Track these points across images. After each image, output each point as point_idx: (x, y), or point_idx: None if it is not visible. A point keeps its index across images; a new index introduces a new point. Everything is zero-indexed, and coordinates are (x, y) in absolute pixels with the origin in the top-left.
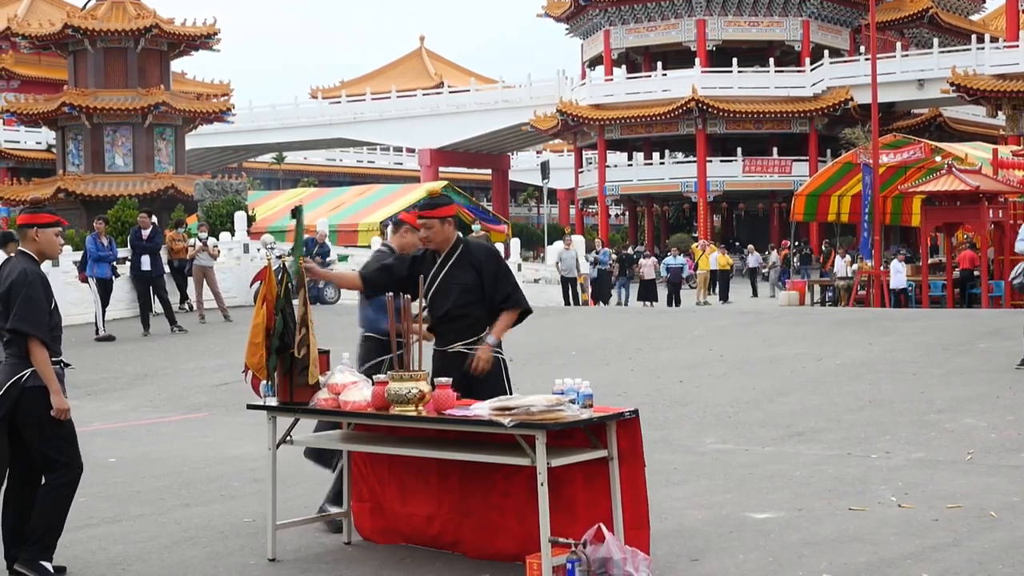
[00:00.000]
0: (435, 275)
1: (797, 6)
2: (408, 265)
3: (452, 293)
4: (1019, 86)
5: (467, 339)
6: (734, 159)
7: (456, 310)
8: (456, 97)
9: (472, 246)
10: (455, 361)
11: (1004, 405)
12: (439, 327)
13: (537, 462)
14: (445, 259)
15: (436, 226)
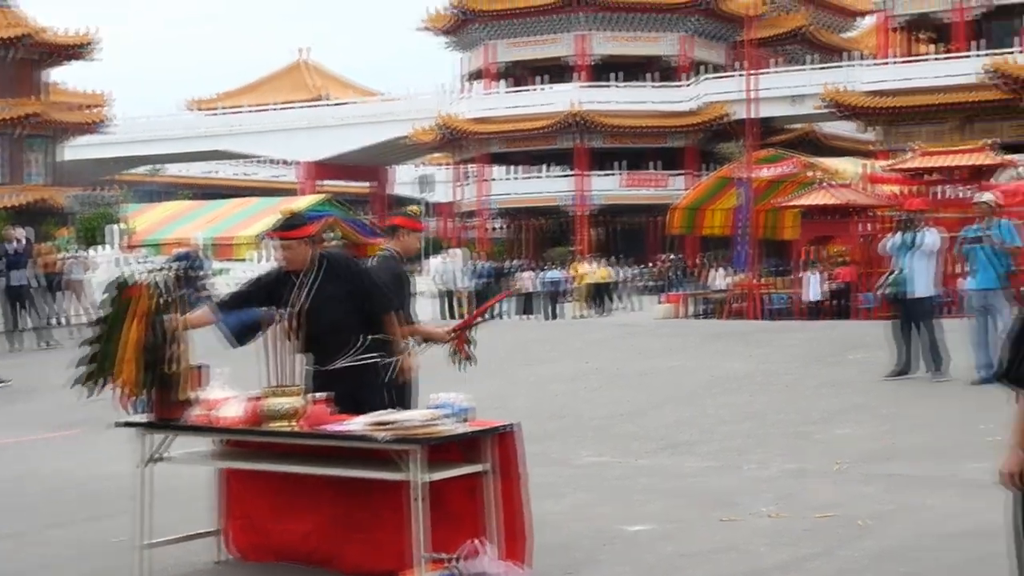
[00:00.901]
0: (299, 294)
1: (676, 22)
2: (266, 288)
3: (328, 309)
4: (890, 102)
5: (348, 354)
6: (613, 173)
7: (336, 326)
8: (336, 109)
9: (335, 259)
10: (339, 378)
11: (873, 415)
12: (317, 346)
13: (413, 477)
14: (309, 277)
15: (295, 246)
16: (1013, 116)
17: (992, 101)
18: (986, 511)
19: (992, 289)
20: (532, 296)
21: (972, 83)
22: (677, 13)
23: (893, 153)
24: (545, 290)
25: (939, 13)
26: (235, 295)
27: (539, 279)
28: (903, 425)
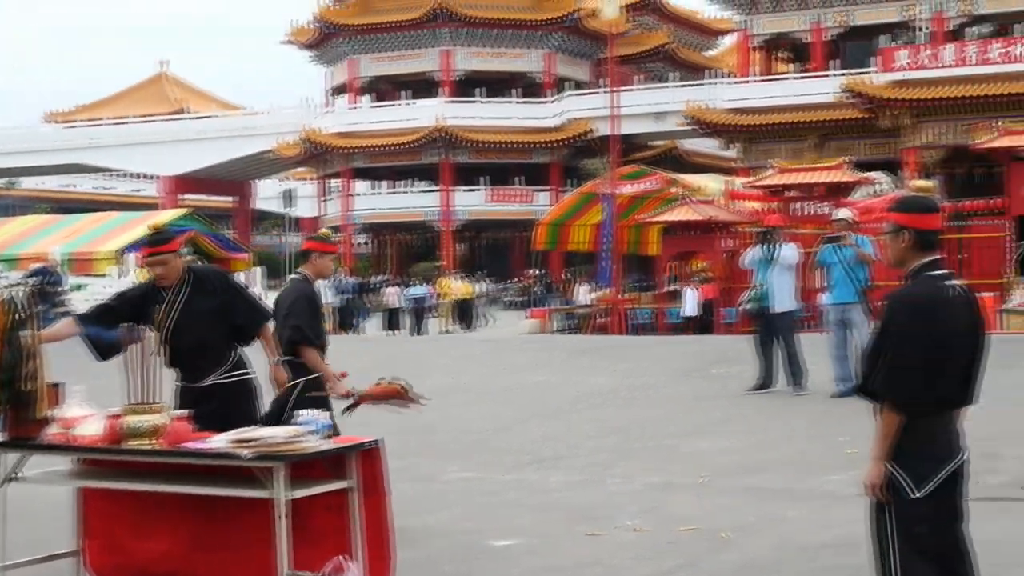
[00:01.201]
0: (170, 309)
1: (540, 39)
2: (132, 303)
3: (197, 324)
4: (750, 120)
5: (219, 370)
6: (478, 188)
7: (206, 341)
8: (198, 123)
9: (203, 273)
10: (209, 395)
11: (736, 428)
12: (186, 362)
13: (276, 494)
14: (178, 291)
15: (170, 260)
16: (869, 134)
17: (849, 120)
18: (848, 522)
19: (850, 303)
20: (397, 312)
21: (830, 102)
22: (541, 30)
23: (754, 170)
24: (410, 306)
25: (797, 33)
26: (100, 308)
27: (404, 295)
28: (765, 438)
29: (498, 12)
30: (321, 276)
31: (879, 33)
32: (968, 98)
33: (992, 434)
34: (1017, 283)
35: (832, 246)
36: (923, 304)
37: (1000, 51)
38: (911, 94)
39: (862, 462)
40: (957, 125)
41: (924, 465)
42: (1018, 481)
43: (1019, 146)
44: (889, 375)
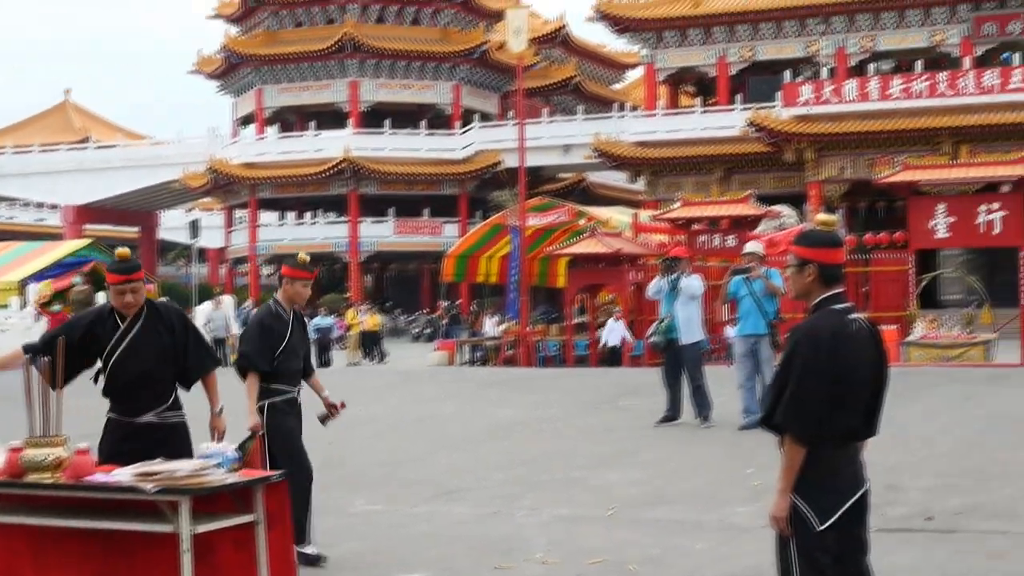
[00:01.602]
0: (122, 338)
1: (448, 71)
2: (82, 329)
3: (147, 357)
4: (657, 153)
5: (159, 407)
6: (386, 220)
7: (152, 375)
8: (103, 153)
9: (162, 307)
10: (145, 432)
11: (644, 460)
12: (125, 393)
13: (181, 529)
14: (134, 321)
15: (141, 288)
16: (774, 168)
17: (754, 153)
18: (753, 554)
19: (759, 335)
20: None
21: (735, 136)
22: (449, 62)
23: (661, 203)
24: (314, 337)
25: (702, 67)
26: (48, 337)
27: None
28: (672, 470)
29: (406, 44)
30: (293, 303)
31: (783, 68)
32: (870, 133)
33: (894, 466)
34: (919, 316)
35: (741, 278)
36: (825, 337)
37: (901, 87)
38: (814, 128)
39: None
40: (860, 159)
41: (828, 497)
42: (920, 512)
43: (920, 180)
44: (792, 407)
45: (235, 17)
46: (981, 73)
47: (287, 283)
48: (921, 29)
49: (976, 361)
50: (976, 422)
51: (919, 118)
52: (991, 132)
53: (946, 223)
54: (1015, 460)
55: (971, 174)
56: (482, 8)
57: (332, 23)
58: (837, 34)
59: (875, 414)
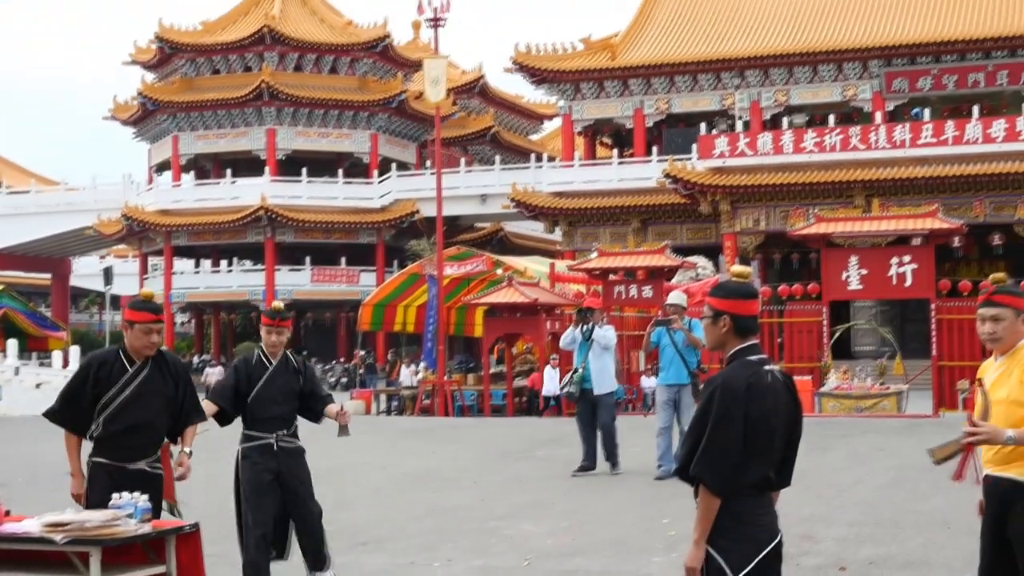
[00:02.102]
0: (128, 382)
1: (366, 120)
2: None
3: (150, 404)
4: (574, 203)
5: (151, 456)
6: (302, 268)
7: (152, 424)
8: (15, 198)
9: (168, 356)
10: (138, 479)
11: (560, 511)
12: (122, 439)
13: None
14: (142, 367)
15: (161, 330)
16: (690, 219)
17: (670, 205)
18: None
19: (681, 384)
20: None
21: (651, 187)
22: (367, 111)
23: (578, 253)
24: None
25: (619, 119)
26: (67, 400)
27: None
28: (589, 520)
29: (323, 92)
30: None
31: (699, 121)
32: (784, 185)
33: (808, 515)
34: (832, 367)
35: (664, 328)
36: (740, 388)
37: (814, 140)
38: (729, 181)
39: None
40: (774, 211)
41: (742, 547)
42: (834, 562)
43: (833, 233)
44: (706, 458)
45: (151, 64)
46: (892, 128)
47: (264, 331)
48: (834, 84)
49: (889, 412)
50: (889, 472)
51: (832, 171)
52: (902, 186)
53: (859, 275)
54: (927, 510)
55: (883, 227)
56: (400, 58)
57: (249, 71)
58: (752, 88)
59: (789, 464)
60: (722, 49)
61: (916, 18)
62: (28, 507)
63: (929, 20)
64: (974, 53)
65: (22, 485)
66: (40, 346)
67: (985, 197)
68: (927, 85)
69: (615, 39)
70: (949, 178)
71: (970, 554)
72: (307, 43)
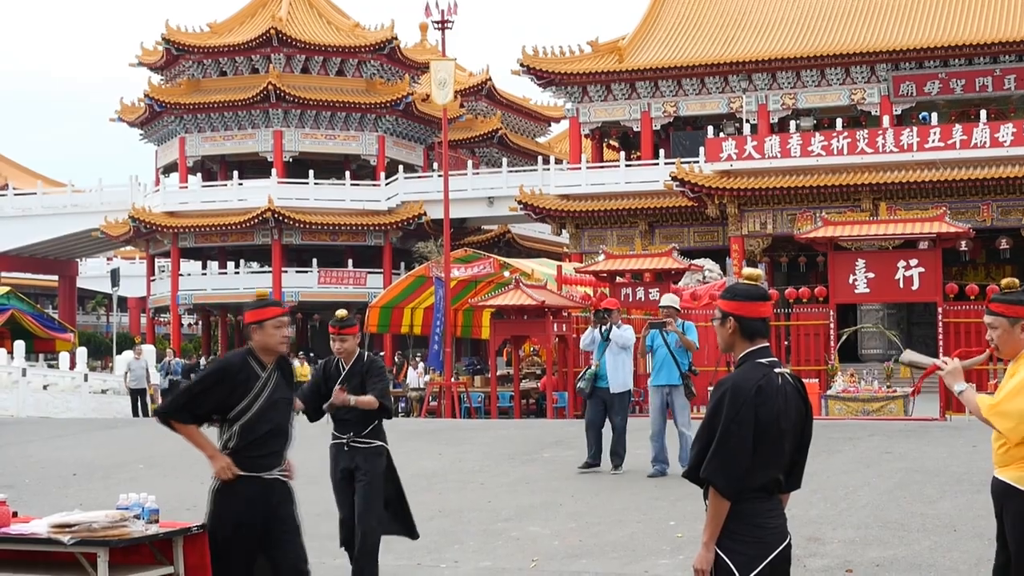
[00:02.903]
0: (263, 387)
1: (373, 122)
2: (233, 378)
3: (284, 408)
4: (580, 206)
5: (282, 464)
6: (309, 270)
7: (287, 427)
8: (22, 200)
9: (285, 360)
10: (274, 489)
11: (567, 512)
12: (258, 447)
13: None
14: (272, 371)
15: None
16: (696, 222)
17: (677, 207)
18: None
19: (673, 385)
20: None
21: (659, 190)
22: (374, 113)
23: (585, 255)
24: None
25: (626, 122)
26: (184, 401)
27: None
28: (596, 522)
29: (330, 95)
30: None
31: (706, 124)
32: (791, 189)
33: (816, 518)
34: (839, 370)
35: (657, 330)
36: (750, 391)
37: (821, 144)
38: (736, 184)
39: (691, 546)
40: (781, 214)
41: (751, 549)
42: (841, 564)
43: (840, 236)
44: (716, 461)
45: (158, 65)
46: (899, 132)
47: (331, 339)
48: (841, 87)
49: (895, 415)
50: (895, 475)
51: (839, 175)
52: (909, 190)
53: (866, 278)
54: (934, 513)
55: (890, 231)
56: (407, 60)
57: (256, 72)
58: (759, 91)
59: (799, 467)
60: (729, 52)
61: (924, 22)
62: (36, 509)
63: (937, 24)
64: (982, 57)
65: (29, 486)
66: (47, 348)
67: (992, 201)
68: (935, 89)
69: (622, 42)
70: (956, 182)
71: (976, 558)
72: (314, 45)
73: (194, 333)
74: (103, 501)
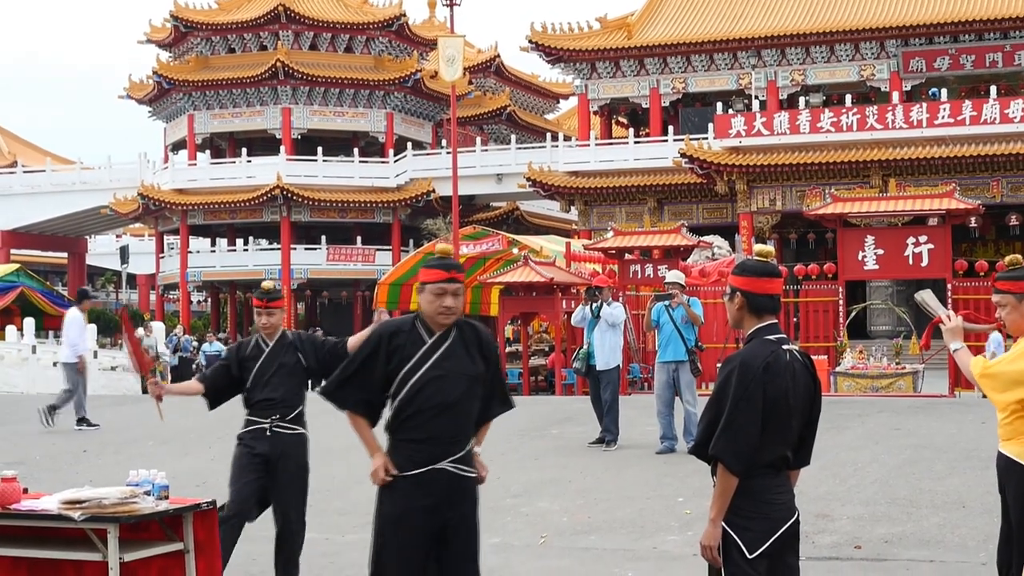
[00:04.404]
0: (425, 356)
1: (381, 99)
2: (391, 346)
3: (457, 385)
4: (589, 182)
5: (458, 453)
6: (318, 247)
7: (459, 409)
8: (31, 177)
9: (478, 327)
10: (444, 482)
11: (576, 488)
12: (418, 428)
13: (109, 557)
14: (443, 336)
15: (464, 294)
16: (705, 199)
17: (686, 184)
18: None
19: (679, 361)
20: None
21: (667, 167)
22: (382, 90)
23: (593, 232)
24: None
25: (635, 98)
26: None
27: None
28: (605, 497)
29: (339, 71)
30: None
31: (715, 100)
32: (800, 165)
33: (824, 494)
34: (848, 346)
35: (663, 305)
36: (757, 367)
37: (831, 120)
38: (745, 160)
39: (699, 522)
40: (790, 191)
41: (759, 526)
42: (849, 541)
43: (849, 213)
44: (725, 437)
45: (166, 43)
46: (909, 108)
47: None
48: (851, 64)
49: (904, 391)
50: (904, 451)
51: (849, 151)
52: (919, 166)
53: (875, 255)
54: (942, 489)
55: (899, 207)
56: (416, 37)
57: (265, 50)
58: (768, 67)
59: (807, 444)
60: (738, 28)
61: None
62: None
63: (947, 0)
64: (992, 33)
65: (40, 463)
66: (57, 324)
67: (1002, 177)
68: (945, 65)
69: (631, 18)
70: (966, 158)
71: (985, 534)
72: (322, 22)
73: (203, 310)
74: (113, 477)
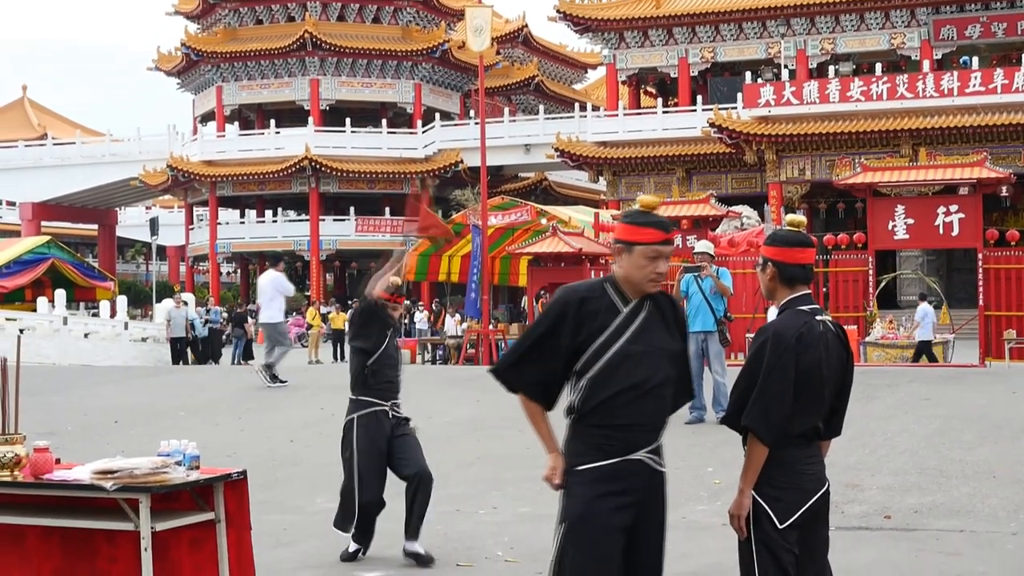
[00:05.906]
0: (621, 329)
1: (409, 69)
2: (588, 313)
3: (656, 363)
4: (618, 153)
5: (654, 443)
6: (347, 218)
7: (659, 389)
8: (61, 149)
9: (670, 298)
10: (642, 475)
11: None
12: (611, 413)
13: (141, 527)
14: (638, 307)
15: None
16: (734, 169)
17: (714, 154)
18: (715, 552)
19: (708, 332)
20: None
21: (696, 136)
22: (410, 60)
23: (622, 202)
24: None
25: (664, 68)
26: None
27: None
28: None
29: (366, 42)
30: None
31: (744, 69)
32: (830, 134)
33: (854, 464)
34: (878, 316)
35: (692, 276)
36: (790, 338)
37: (860, 89)
38: (774, 130)
39: (728, 492)
40: (820, 160)
41: (790, 496)
42: (879, 511)
43: (879, 182)
44: (757, 408)
45: (194, 14)
46: (940, 76)
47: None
48: (881, 32)
49: (934, 361)
50: (934, 421)
51: (879, 120)
52: (949, 135)
53: (905, 224)
54: (972, 459)
55: (929, 176)
56: (443, 7)
57: (292, 21)
58: (798, 36)
59: (839, 414)
60: None
61: None
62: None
63: None
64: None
65: (72, 434)
66: (88, 296)
67: None
68: (976, 33)
69: None
70: (997, 127)
71: (1015, 504)
72: None
73: (232, 281)
74: (144, 448)
